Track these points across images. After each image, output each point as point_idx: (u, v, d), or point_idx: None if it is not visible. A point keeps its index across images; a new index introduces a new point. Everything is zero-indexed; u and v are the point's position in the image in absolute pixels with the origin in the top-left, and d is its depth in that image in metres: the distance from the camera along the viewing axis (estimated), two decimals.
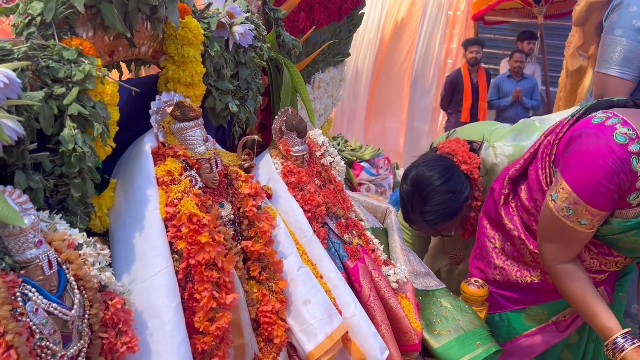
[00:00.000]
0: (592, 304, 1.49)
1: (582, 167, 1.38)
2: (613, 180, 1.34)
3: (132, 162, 1.14)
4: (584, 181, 1.38)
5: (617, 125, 1.34)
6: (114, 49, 1.10)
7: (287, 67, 1.61)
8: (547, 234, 1.53)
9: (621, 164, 1.32)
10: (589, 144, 1.37)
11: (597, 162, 1.34)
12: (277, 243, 1.30)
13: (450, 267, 2.24)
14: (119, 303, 0.92)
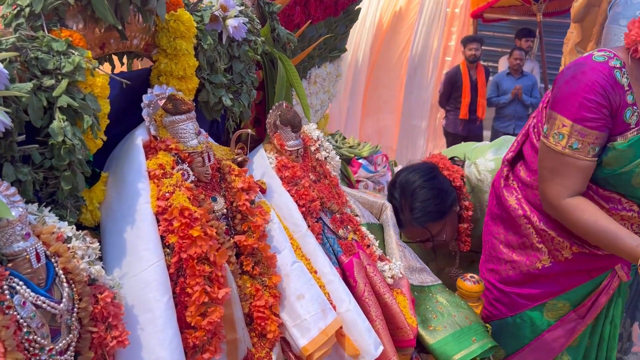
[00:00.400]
0: (610, 229, 1.42)
1: (567, 92, 1.44)
2: (598, 92, 1.37)
3: (124, 155, 1.14)
4: (569, 101, 1.42)
5: (594, 52, 1.45)
6: (105, 41, 1.09)
7: (282, 61, 1.60)
8: (546, 172, 1.52)
9: (604, 76, 1.37)
10: (571, 73, 1.45)
11: (581, 81, 1.40)
12: (270, 238, 1.29)
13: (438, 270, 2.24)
14: (108, 297, 0.92)
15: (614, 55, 1.41)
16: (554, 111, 1.47)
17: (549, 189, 1.51)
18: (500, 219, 1.81)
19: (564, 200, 1.49)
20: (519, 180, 1.73)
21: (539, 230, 1.67)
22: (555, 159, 1.48)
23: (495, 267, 1.83)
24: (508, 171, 1.78)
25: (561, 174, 1.48)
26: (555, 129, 1.46)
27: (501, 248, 1.80)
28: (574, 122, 1.41)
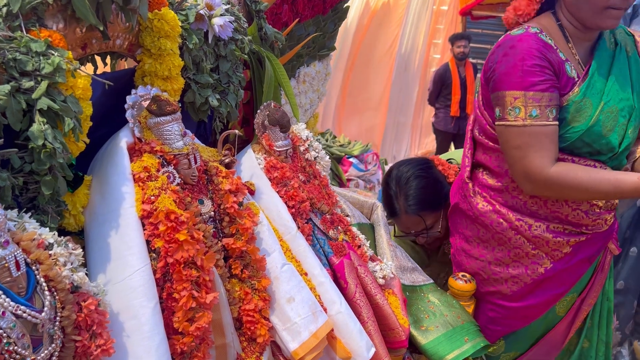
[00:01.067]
0: (607, 176, 1.43)
1: (506, 67, 1.45)
2: (535, 56, 1.41)
3: (107, 158, 1.11)
4: (511, 74, 1.43)
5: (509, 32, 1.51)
6: (87, 41, 1.06)
7: (270, 60, 1.58)
8: (517, 152, 1.47)
9: (534, 40, 1.43)
10: (501, 52, 1.48)
11: (515, 53, 1.44)
12: (259, 240, 1.27)
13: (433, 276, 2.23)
14: (92, 304, 0.89)
15: (528, 26, 1.48)
16: (499, 91, 1.46)
17: (530, 165, 1.46)
18: (480, 240, 1.74)
19: (549, 169, 1.44)
20: (490, 190, 1.67)
21: (530, 239, 1.62)
22: (521, 134, 1.45)
23: (495, 289, 1.75)
24: (473, 186, 1.72)
25: (534, 146, 1.45)
26: (508, 105, 1.45)
27: (492, 268, 1.72)
28: (524, 91, 1.41)
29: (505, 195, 1.64)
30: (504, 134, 1.50)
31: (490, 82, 1.51)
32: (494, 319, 1.78)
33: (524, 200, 1.60)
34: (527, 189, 1.53)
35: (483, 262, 1.74)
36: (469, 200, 1.71)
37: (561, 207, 1.57)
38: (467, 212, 1.73)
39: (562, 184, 1.45)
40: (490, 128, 1.60)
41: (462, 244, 1.81)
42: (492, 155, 1.64)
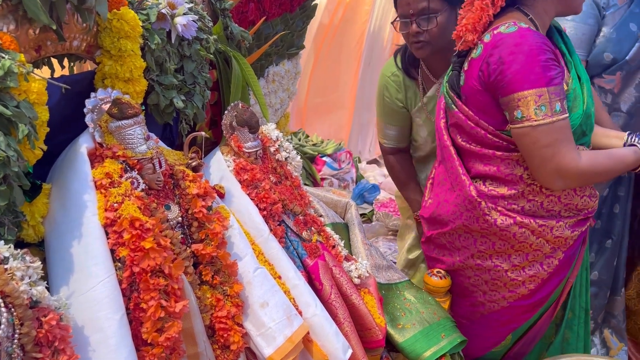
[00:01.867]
0: (614, 155, 1.54)
1: (521, 66, 1.39)
2: (545, 50, 1.40)
3: (67, 165, 1.06)
4: (531, 72, 1.38)
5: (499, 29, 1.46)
6: (41, 43, 1.01)
7: (237, 59, 1.55)
8: (548, 150, 1.43)
9: (535, 35, 1.41)
10: (506, 52, 1.41)
11: (526, 49, 1.39)
12: (230, 244, 1.23)
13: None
14: (53, 319, 0.85)
15: (514, 22, 1.45)
16: (518, 92, 1.40)
17: (563, 160, 1.43)
18: (495, 252, 1.68)
19: (581, 161, 1.44)
20: (503, 200, 1.61)
21: (551, 240, 1.60)
22: (552, 132, 1.41)
23: (512, 293, 1.71)
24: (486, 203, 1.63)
25: (563, 141, 1.42)
26: (533, 105, 1.39)
27: (509, 275, 1.67)
28: (547, 87, 1.38)
29: (520, 202, 1.58)
30: (530, 135, 1.43)
31: (499, 86, 1.44)
32: (510, 319, 1.76)
33: (540, 202, 1.57)
34: (559, 185, 1.50)
35: (499, 272, 1.68)
36: (485, 219, 1.62)
37: (572, 198, 1.57)
38: (484, 230, 1.65)
39: (593, 172, 1.48)
40: (492, 136, 1.54)
41: (472, 260, 1.73)
42: (501, 163, 1.57)
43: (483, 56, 1.47)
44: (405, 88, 2.05)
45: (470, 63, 1.54)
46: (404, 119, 2.12)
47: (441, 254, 1.82)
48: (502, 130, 1.52)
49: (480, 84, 1.49)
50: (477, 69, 1.49)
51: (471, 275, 1.74)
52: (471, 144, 1.61)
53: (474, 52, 1.52)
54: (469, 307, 1.81)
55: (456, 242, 1.73)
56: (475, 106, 1.55)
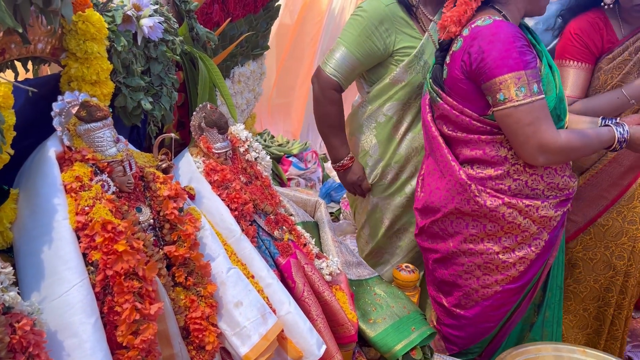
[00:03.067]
0: (591, 133, 1.65)
1: (500, 53, 1.50)
2: (520, 37, 1.51)
3: (36, 169, 1.05)
4: (508, 57, 1.49)
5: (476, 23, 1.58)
6: (5, 46, 1.00)
7: (203, 60, 1.55)
8: (530, 129, 1.53)
9: (509, 24, 1.53)
10: (485, 41, 1.53)
11: (503, 37, 1.50)
12: (203, 245, 1.24)
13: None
14: (27, 325, 0.84)
15: (489, 16, 1.57)
16: (499, 76, 1.50)
17: (544, 136, 1.53)
18: (486, 234, 1.76)
19: (561, 137, 1.54)
20: (491, 181, 1.69)
21: (537, 219, 1.69)
22: (532, 110, 1.51)
23: (503, 276, 1.78)
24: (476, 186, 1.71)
25: (543, 119, 1.52)
26: (513, 87, 1.49)
27: (500, 257, 1.75)
28: (524, 70, 1.49)
29: (507, 181, 1.68)
30: (513, 115, 1.53)
31: (481, 73, 1.54)
32: (503, 303, 1.83)
33: (524, 180, 1.66)
34: (541, 161, 1.59)
35: (490, 255, 1.76)
36: (475, 200, 1.70)
37: (554, 177, 1.67)
38: (475, 212, 1.72)
39: (571, 148, 1.58)
40: (477, 122, 1.63)
41: (464, 244, 1.80)
42: (486, 146, 1.66)
43: (463, 48, 1.58)
44: (401, 26, 1.99)
45: (452, 56, 1.65)
46: (372, 58, 2.01)
47: (434, 242, 1.89)
48: (485, 115, 1.63)
49: (463, 73, 1.60)
50: (459, 60, 1.60)
51: (464, 262, 1.82)
52: (457, 132, 1.70)
53: (455, 46, 1.63)
54: (462, 296, 1.88)
55: (448, 228, 1.81)
56: (459, 95, 1.66)
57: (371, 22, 1.95)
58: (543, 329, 1.94)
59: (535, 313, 1.93)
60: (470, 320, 1.91)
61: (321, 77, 2.04)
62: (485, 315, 1.86)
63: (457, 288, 1.90)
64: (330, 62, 2.02)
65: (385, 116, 2.10)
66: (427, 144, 1.89)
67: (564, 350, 1.66)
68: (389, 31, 1.97)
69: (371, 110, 2.12)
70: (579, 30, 2.04)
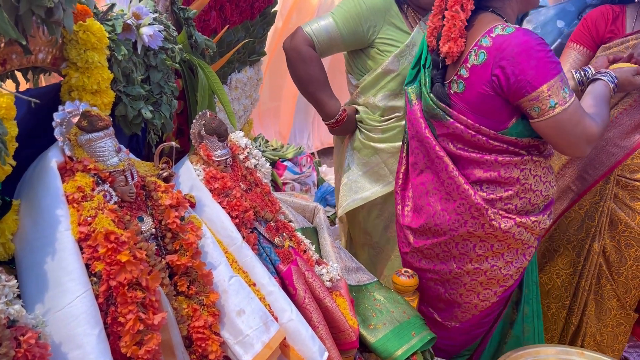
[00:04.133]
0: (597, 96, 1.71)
1: (534, 64, 1.49)
2: (544, 43, 1.52)
3: (37, 180, 1.04)
4: (544, 67, 1.49)
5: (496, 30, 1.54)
6: (7, 57, 0.99)
7: (202, 68, 1.55)
8: (579, 127, 1.54)
9: (532, 32, 1.54)
10: (516, 52, 1.49)
11: (533, 47, 1.49)
12: (204, 254, 1.23)
13: None
14: (32, 338, 0.83)
15: (505, 25, 1.55)
16: (542, 85, 1.49)
17: (590, 129, 1.56)
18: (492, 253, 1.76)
19: (596, 121, 1.58)
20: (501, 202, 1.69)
21: (537, 232, 1.73)
22: (577, 109, 1.53)
23: (502, 287, 1.83)
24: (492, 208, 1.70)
25: (583, 115, 1.56)
26: (556, 93, 1.49)
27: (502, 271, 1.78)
28: (560, 74, 1.50)
29: (514, 200, 1.67)
30: (565, 117, 1.52)
31: (523, 86, 1.51)
32: (495, 310, 1.87)
33: (528, 198, 1.67)
34: (587, 151, 1.61)
35: (495, 271, 1.76)
36: (491, 224, 1.68)
37: (548, 190, 1.71)
38: (488, 235, 1.72)
39: (604, 123, 1.63)
40: (493, 141, 1.61)
41: (471, 265, 1.79)
42: (501, 168, 1.64)
43: (490, 62, 1.52)
44: (392, 19, 2.02)
45: (473, 70, 1.57)
46: (354, 37, 2.02)
47: (432, 264, 1.87)
48: (502, 130, 1.60)
49: (494, 89, 1.54)
50: (488, 75, 1.54)
51: (467, 281, 1.81)
52: (470, 152, 1.66)
53: (475, 59, 1.56)
54: (459, 311, 1.88)
55: (453, 250, 1.79)
56: (477, 111, 1.61)
57: (365, 4, 1.97)
58: (524, 324, 1.96)
59: (514, 310, 1.95)
60: (463, 330, 1.92)
61: (297, 35, 2.01)
62: (479, 323, 1.88)
63: (454, 305, 1.90)
64: (312, 25, 2.01)
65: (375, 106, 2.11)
66: (421, 159, 1.82)
67: (562, 352, 1.67)
68: (377, 18, 1.99)
69: (364, 100, 2.13)
70: (588, 17, 2.11)
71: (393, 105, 2.08)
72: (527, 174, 1.65)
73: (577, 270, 2.23)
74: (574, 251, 2.23)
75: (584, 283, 2.21)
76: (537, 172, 1.66)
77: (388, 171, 2.16)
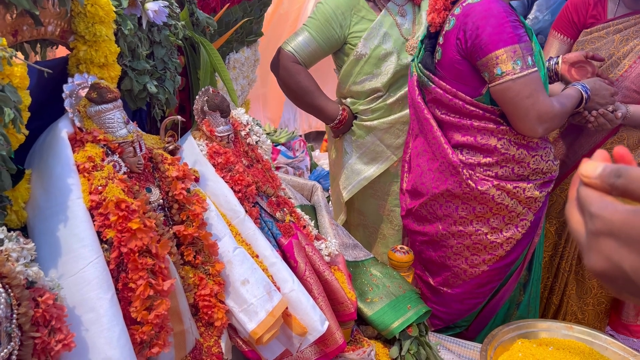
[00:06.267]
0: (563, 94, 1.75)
1: (493, 28, 1.54)
2: (510, 12, 1.56)
3: (48, 150, 1.06)
4: (502, 33, 1.54)
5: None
6: (18, 28, 1.01)
7: (204, 45, 1.57)
8: (529, 100, 1.57)
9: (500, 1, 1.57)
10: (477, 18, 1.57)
11: (494, 13, 1.54)
12: (209, 226, 1.26)
13: None
14: (50, 299, 0.86)
15: None
16: (495, 51, 1.54)
17: (542, 106, 1.57)
18: (475, 216, 1.82)
19: (554, 104, 1.61)
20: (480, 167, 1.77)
21: (524, 200, 1.76)
22: (530, 82, 1.55)
23: (491, 255, 1.86)
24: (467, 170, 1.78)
25: (540, 90, 1.58)
26: (510, 60, 1.53)
27: (489, 237, 1.83)
28: (519, 43, 1.53)
29: (494, 168, 1.74)
30: (512, 89, 1.55)
31: (477, 49, 1.57)
32: (489, 281, 1.91)
33: (511, 167, 1.73)
34: (540, 132, 1.63)
35: (479, 236, 1.83)
36: (467, 183, 1.76)
37: (539, 164, 1.74)
38: (466, 195, 1.79)
39: (565, 112, 1.66)
40: (469, 105, 1.68)
41: (454, 227, 1.87)
42: (478, 134, 1.71)
43: (457, 26, 1.62)
44: (359, 10, 2.14)
45: (446, 36, 1.68)
46: (330, 42, 2.17)
47: (422, 225, 1.94)
48: (478, 96, 1.68)
49: (458, 52, 1.64)
50: (454, 39, 1.64)
51: (453, 244, 1.87)
52: (450, 115, 1.75)
53: (447, 25, 1.67)
54: (450, 276, 1.94)
55: (437, 211, 1.86)
56: (453, 77, 1.70)
57: (331, 8, 2.13)
58: (529, 306, 2.02)
59: (522, 292, 2.01)
60: (456, 297, 1.97)
61: (280, 56, 2.20)
62: (472, 292, 1.93)
63: (445, 268, 1.96)
64: (291, 43, 2.20)
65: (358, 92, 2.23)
66: (415, 125, 1.93)
67: (553, 327, 1.73)
68: (345, 15, 2.13)
69: (347, 89, 2.27)
70: (570, 4, 2.12)
71: (373, 87, 2.20)
72: (506, 143, 1.70)
73: (557, 251, 2.29)
74: (556, 234, 2.29)
75: (564, 264, 2.28)
76: (521, 143, 1.71)
77: (384, 147, 2.24)
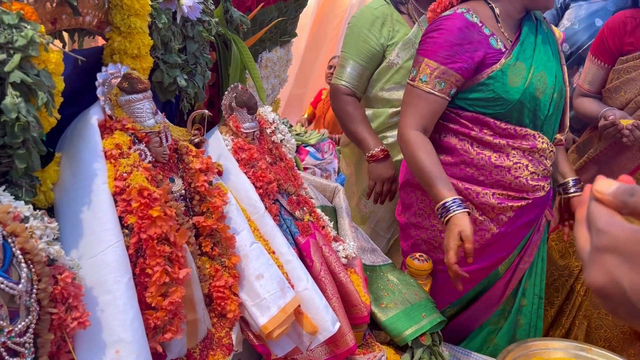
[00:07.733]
0: (432, 173, 1.64)
1: (431, 39, 1.67)
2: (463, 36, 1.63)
3: (78, 135, 1.10)
4: (431, 45, 1.66)
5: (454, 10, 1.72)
6: (57, 16, 1.05)
7: (236, 43, 1.59)
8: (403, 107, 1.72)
9: (457, 19, 1.65)
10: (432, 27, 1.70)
11: (442, 30, 1.65)
12: (228, 219, 1.29)
13: None
14: (68, 277, 0.90)
15: (457, 7, 1.71)
16: (424, 57, 1.67)
17: (402, 120, 1.70)
18: (431, 210, 1.88)
19: (410, 130, 1.68)
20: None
21: (478, 205, 1.77)
22: (409, 93, 1.69)
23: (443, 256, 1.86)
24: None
25: (413, 106, 1.69)
26: (424, 73, 1.65)
27: (442, 236, 1.84)
28: (445, 66, 1.63)
29: (453, 169, 1.78)
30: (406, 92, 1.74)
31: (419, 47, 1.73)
32: (444, 285, 1.89)
33: (470, 172, 1.75)
34: (398, 140, 1.74)
35: (434, 232, 1.87)
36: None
37: (504, 177, 1.74)
38: (420, 186, 1.83)
39: (408, 150, 1.69)
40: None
41: (413, 217, 1.93)
42: (441, 131, 1.79)
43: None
44: (393, 23, 2.16)
45: None
46: (373, 60, 2.21)
47: (399, 212, 2.05)
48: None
49: None
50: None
51: (413, 234, 1.99)
52: None
53: None
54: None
55: (405, 199, 1.99)
56: None
57: (363, 27, 2.17)
58: (514, 334, 1.98)
59: (504, 319, 1.98)
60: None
61: (336, 93, 2.27)
62: (434, 293, 1.90)
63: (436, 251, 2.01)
64: (340, 76, 2.26)
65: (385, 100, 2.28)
66: None
67: (570, 347, 1.70)
68: (381, 30, 2.16)
69: (373, 94, 2.30)
70: (606, 28, 2.08)
71: (400, 97, 2.19)
72: (466, 146, 1.73)
73: (572, 273, 2.24)
74: (573, 256, 2.24)
75: (579, 287, 2.23)
76: (484, 151, 1.71)
77: None
